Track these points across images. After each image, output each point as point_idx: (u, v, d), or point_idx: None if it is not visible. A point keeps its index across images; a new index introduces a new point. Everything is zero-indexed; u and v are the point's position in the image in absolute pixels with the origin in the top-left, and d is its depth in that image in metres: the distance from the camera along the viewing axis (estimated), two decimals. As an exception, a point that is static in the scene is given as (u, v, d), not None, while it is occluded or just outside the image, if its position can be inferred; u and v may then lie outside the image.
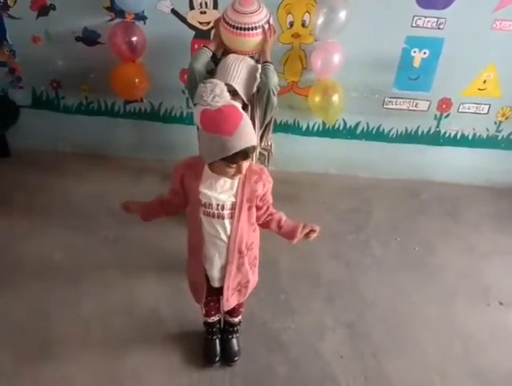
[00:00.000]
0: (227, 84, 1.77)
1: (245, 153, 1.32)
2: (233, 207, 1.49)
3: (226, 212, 1.49)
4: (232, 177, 1.43)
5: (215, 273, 1.63)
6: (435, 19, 2.70)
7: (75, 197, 2.84)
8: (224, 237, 1.53)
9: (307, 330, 2.06)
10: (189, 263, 1.70)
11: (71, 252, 2.41)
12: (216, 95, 1.31)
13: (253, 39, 1.86)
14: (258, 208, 1.55)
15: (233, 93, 1.82)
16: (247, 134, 1.32)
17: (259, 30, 1.88)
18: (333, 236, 2.69)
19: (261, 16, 1.85)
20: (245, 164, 1.38)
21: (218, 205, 1.48)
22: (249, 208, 1.51)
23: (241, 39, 1.87)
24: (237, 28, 1.85)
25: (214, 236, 1.54)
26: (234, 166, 1.36)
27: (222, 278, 1.63)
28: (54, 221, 2.61)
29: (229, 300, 1.68)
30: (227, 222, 1.50)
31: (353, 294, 2.30)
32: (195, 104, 1.41)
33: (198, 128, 1.50)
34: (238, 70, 1.84)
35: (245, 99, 1.94)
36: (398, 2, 2.65)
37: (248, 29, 1.83)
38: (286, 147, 3.09)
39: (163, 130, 3.17)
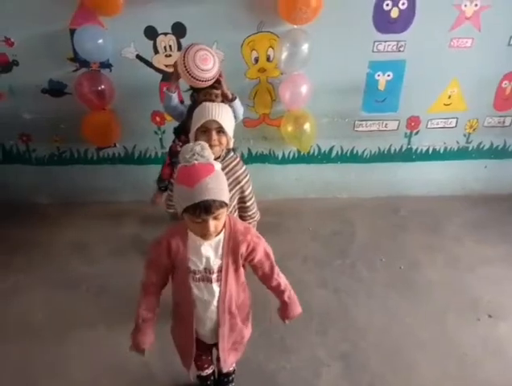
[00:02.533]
0: (213, 121, 1.74)
1: (206, 207, 1.28)
2: (219, 270, 1.45)
3: (214, 276, 1.45)
4: (202, 235, 1.38)
5: (207, 333, 1.58)
6: (395, 42, 2.79)
7: (55, 250, 2.78)
8: (213, 301, 1.49)
9: (302, 368, 2.03)
10: (176, 329, 1.64)
11: (53, 310, 2.33)
12: (196, 152, 1.31)
13: (208, 84, 2.29)
14: (255, 269, 1.52)
15: (219, 130, 1.79)
16: (210, 189, 1.28)
17: (213, 80, 2.30)
18: (320, 263, 2.69)
19: (214, 70, 2.24)
20: (213, 221, 1.33)
21: (206, 269, 1.45)
22: (236, 269, 1.48)
23: (198, 85, 2.27)
24: (196, 79, 2.23)
25: (205, 301, 1.49)
26: (199, 220, 1.32)
27: (215, 335, 1.58)
28: (35, 278, 2.54)
29: (227, 361, 1.63)
30: (215, 285, 1.47)
31: (345, 323, 2.29)
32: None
33: None
34: (219, 108, 1.82)
35: (231, 136, 1.90)
36: (358, 29, 2.73)
37: (205, 81, 2.24)
38: (264, 177, 3.11)
39: (138, 172, 3.15)
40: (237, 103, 2.38)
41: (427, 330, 2.25)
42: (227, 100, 2.32)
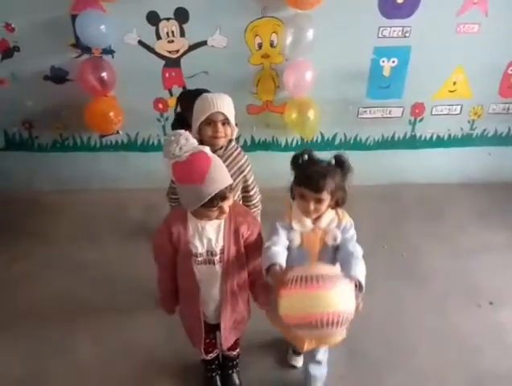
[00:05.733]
0: (219, 113, 1.72)
1: (221, 195, 1.33)
2: (222, 252, 1.50)
3: (216, 258, 1.50)
4: (217, 218, 1.43)
5: (210, 313, 1.64)
6: (401, 28, 2.75)
7: (59, 237, 2.79)
8: (216, 282, 1.54)
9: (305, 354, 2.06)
10: (184, 310, 1.69)
11: (61, 297, 2.36)
12: (183, 145, 1.31)
13: None
14: (252, 251, 1.56)
15: (224, 121, 1.77)
16: (218, 178, 1.32)
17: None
18: (322, 250, 2.71)
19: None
20: (227, 203, 1.39)
21: (208, 252, 1.49)
22: (238, 250, 1.52)
23: None
24: None
25: (207, 282, 1.54)
26: (215, 209, 1.37)
27: (218, 316, 1.63)
28: (41, 265, 2.56)
29: (228, 338, 1.69)
30: (217, 267, 1.51)
31: (347, 310, 2.31)
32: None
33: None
34: (222, 99, 1.78)
35: (234, 126, 1.86)
36: (363, 14, 2.69)
37: None
38: (266, 164, 3.07)
39: (142, 160, 3.15)
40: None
41: (428, 316, 2.28)
42: None
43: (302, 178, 1.47)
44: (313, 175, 1.44)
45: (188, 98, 1.97)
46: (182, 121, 2.05)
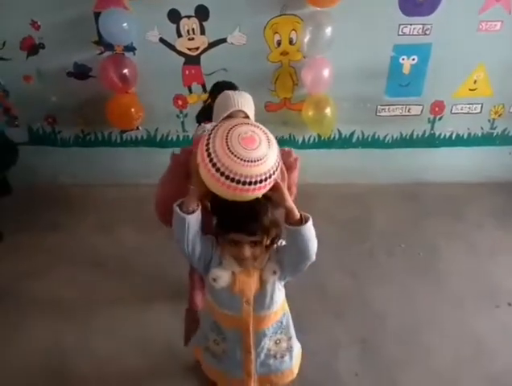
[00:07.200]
0: (240, 111, 1.72)
1: None
2: None
3: None
4: None
5: None
6: (421, 26, 2.73)
7: (81, 230, 2.86)
8: None
9: (320, 350, 2.07)
10: None
11: (81, 288, 2.43)
12: (207, 130, 1.40)
13: (261, 192, 1.20)
14: None
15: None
16: None
17: (270, 180, 1.19)
18: (337, 247, 2.70)
19: (272, 160, 1.18)
20: None
21: None
22: None
23: (241, 195, 1.18)
24: (234, 181, 1.14)
25: None
26: None
27: None
28: (62, 258, 2.64)
29: None
30: None
31: (362, 307, 2.32)
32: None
33: None
34: (243, 97, 1.80)
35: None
36: (383, 12, 2.68)
37: (253, 183, 1.15)
38: (283, 162, 3.10)
39: (161, 155, 3.17)
40: (310, 227, 1.32)
41: (444, 316, 2.27)
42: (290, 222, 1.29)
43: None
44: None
45: (222, 90, 1.99)
46: (207, 112, 2.07)
